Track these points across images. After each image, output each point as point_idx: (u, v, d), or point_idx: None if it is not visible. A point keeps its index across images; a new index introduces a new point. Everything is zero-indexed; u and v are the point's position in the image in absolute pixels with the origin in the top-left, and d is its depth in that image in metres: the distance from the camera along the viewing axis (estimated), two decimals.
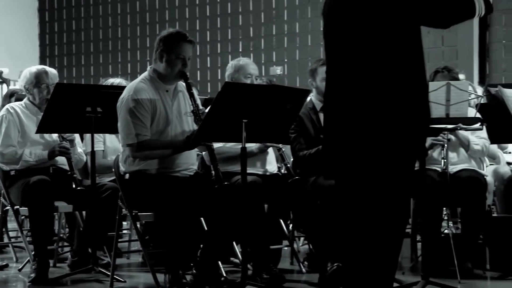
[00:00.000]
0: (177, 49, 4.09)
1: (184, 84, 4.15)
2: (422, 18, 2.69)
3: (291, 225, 4.99)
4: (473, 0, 2.57)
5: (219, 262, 4.22)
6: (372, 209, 2.79)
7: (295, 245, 5.17)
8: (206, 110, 3.96)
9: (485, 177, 4.70)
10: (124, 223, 5.16)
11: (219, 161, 4.10)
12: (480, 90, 5.43)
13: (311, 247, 4.78)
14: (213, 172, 4.04)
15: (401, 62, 2.70)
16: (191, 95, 4.09)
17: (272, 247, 4.41)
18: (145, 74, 4.20)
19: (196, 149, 4.27)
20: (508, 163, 5.45)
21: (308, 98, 4.72)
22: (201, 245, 4.03)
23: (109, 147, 5.06)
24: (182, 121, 4.15)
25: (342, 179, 2.88)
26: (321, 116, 4.47)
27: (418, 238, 4.81)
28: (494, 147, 5.30)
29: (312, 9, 10.50)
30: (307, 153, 4.50)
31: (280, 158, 4.74)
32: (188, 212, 3.93)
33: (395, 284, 3.44)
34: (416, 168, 3.56)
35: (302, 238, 5.74)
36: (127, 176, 4.12)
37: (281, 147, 4.67)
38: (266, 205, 4.49)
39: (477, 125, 4.11)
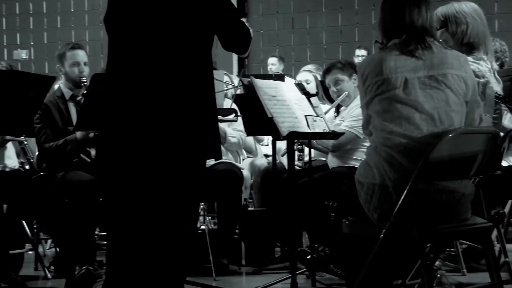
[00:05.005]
0: None
1: None
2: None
3: (35, 227, 4.70)
4: (248, 45, 3.06)
5: None
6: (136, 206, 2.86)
7: (40, 249, 4.94)
8: None
9: (241, 170, 4.67)
10: None
11: None
12: (237, 81, 5.40)
13: (58, 250, 4.53)
14: None
15: (189, 61, 2.86)
16: None
17: (12, 251, 4.14)
18: None
19: None
20: (266, 156, 5.49)
21: (57, 86, 4.53)
22: None
23: None
24: None
25: (114, 177, 2.92)
26: (71, 105, 4.38)
27: None
28: (251, 139, 5.30)
29: None
30: (54, 144, 4.28)
31: (22, 152, 4.50)
32: None
33: None
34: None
35: (49, 241, 5.43)
36: None
37: (22, 140, 4.41)
38: (5, 205, 4.14)
39: (231, 117, 4.08)
